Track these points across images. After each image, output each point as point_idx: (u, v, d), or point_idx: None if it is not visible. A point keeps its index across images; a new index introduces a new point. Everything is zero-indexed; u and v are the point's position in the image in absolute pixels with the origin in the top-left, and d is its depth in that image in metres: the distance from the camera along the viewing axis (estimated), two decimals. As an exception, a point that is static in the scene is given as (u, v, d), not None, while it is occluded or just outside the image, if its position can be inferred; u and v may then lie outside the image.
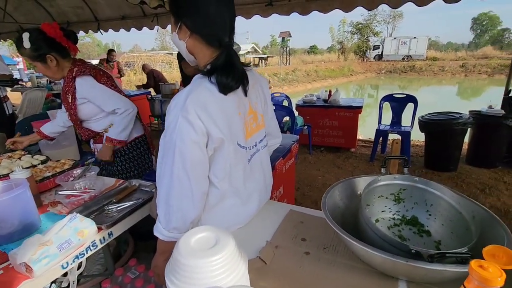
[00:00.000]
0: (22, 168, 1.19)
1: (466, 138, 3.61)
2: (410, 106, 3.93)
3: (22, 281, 0.82)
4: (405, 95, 4.01)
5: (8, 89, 3.59)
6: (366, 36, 34.48)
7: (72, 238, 0.92)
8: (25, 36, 1.44)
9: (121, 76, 6.77)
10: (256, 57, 29.67)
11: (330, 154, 4.27)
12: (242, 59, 0.92)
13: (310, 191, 3.14)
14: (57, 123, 1.80)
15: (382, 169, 0.91)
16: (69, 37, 1.57)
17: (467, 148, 3.76)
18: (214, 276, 0.58)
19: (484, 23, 46.82)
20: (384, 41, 30.75)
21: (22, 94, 4.68)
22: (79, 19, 5.07)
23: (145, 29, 4.69)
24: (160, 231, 0.88)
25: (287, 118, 3.67)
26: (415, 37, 28.99)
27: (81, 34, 5.42)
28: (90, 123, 1.70)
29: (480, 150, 3.58)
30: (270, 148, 1.24)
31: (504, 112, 3.36)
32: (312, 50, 43.16)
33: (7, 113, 2.65)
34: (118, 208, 1.17)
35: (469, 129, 3.48)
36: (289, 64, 25.67)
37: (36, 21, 5.16)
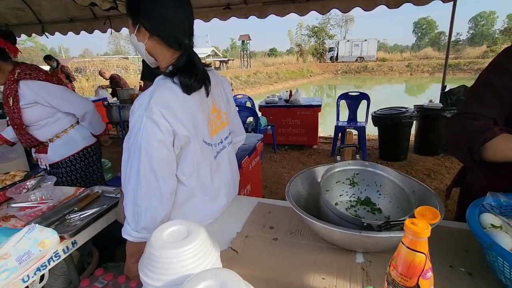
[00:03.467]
0: (-34, 182, 1.09)
1: (413, 130, 4.01)
2: (364, 103, 4.25)
3: (-24, 300, 0.77)
4: (358, 93, 4.31)
5: None
6: (322, 39, 36.21)
7: (32, 249, 0.88)
8: None
9: (70, 81, 6.31)
10: (216, 60, 29.54)
11: (294, 152, 4.44)
12: (203, 62, 0.96)
13: (277, 188, 3.24)
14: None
15: (338, 157, 1.01)
16: (6, 38, 1.47)
17: (414, 138, 4.16)
18: (187, 265, 0.61)
19: (423, 27, 51.86)
20: (338, 44, 32.57)
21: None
22: (19, 21, 4.66)
23: (96, 32, 4.47)
24: (128, 232, 0.87)
25: (251, 119, 3.74)
26: (366, 40, 31.12)
27: (22, 37, 4.98)
28: (35, 130, 1.60)
29: (424, 139, 3.99)
30: (235, 145, 1.28)
31: (442, 105, 3.80)
32: (272, 52, 44.15)
33: None
34: (81, 216, 1.13)
35: (414, 122, 3.87)
36: (250, 67, 25.97)
37: (-32, 24, 4.64)
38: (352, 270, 0.74)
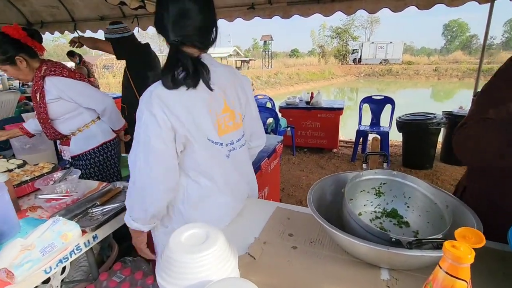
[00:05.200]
0: (-1, 172, 1.15)
1: (440, 138, 3.81)
2: (388, 107, 4.10)
3: (5, 286, 0.79)
4: (383, 97, 4.17)
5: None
6: (345, 41, 35.52)
7: (55, 241, 0.90)
8: None
9: (89, 77, 6.52)
10: (238, 60, 29.73)
11: (313, 155, 4.36)
12: (224, 62, 0.95)
13: (295, 191, 3.19)
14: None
15: (364, 165, 0.96)
16: (33, 37, 1.54)
17: (441, 147, 3.96)
18: (205, 270, 0.59)
19: (454, 29, 49.54)
20: (362, 45, 31.80)
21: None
22: (54, 19, 4.89)
23: (125, 30, 4.59)
24: (127, 219, 0.93)
25: (270, 120, 3.72)
26: (391, 42, 30.18)
27: (56, 34, 5.22)
28: (59, 123, 1.66)
29: (452, 148, 3.78)
30: (254, 149, 1.26)
31: (473, 113, 3.59)
32: (294, 53, 43.85)
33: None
34: (103, 211, 1.15)
35: (442, 129, 3.68)
36: (271, 67, 25.92)
37: (8, 21, 4.91)
38: (377, 287, 0.70)
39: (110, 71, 16.54)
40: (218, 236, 0.64)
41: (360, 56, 31.42)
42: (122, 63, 2.81)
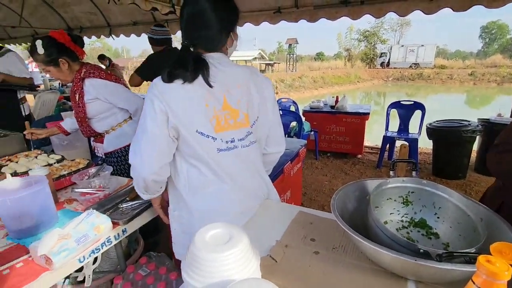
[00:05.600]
0: (40, 166, 1.24)
1: (475, 146, 3.59)
2: (417, 113, 3.93)
3: (41, 273, 0.86)
4: (412, 102, 4.00)
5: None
6: (373, 44, 34.51)
7: (89, 233, 0.96)
8: (38, 43, 1.52)
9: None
10: (262, 63, 29.89)
11: (336, 160, 4.28)
12: (248, 64, 0.98)
13: (317, 196, 3.14)
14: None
15: (391, 172, 0.93)
16: (76, 42, 1.66)
17: (475, 156, 3.73)
18: (228, 270, 0.61)
19: (493, 31, 46.50)
20: (391, 49, 30.74)
21: (35, 96, 4.81)
22: (92, 25, 5.21)
23: (155, 34, 4.78)
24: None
25: (294, 123, 3.70)
26: (422, 45, 28.92)
27: (93, 38, 5.55)
28: (95, 122, 1.77)
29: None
30: (272, 155, 1.24)
31: (513, 120, 3.34)
32: (319, 56, 43.30)
33: (24, 114, 2.74)
34: (132, 206, 1.21)
35: (477, 137, 3.46)
36: (295, 71, 25.78)
37: (51, 26, 5.31)
38: (402, 299, 0.67)
39: (140, 73, 17.26)
40: (241, 237, 0.65)
41: (389, 59, 30.39)
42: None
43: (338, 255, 0.85)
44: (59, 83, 6.97)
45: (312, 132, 4.12)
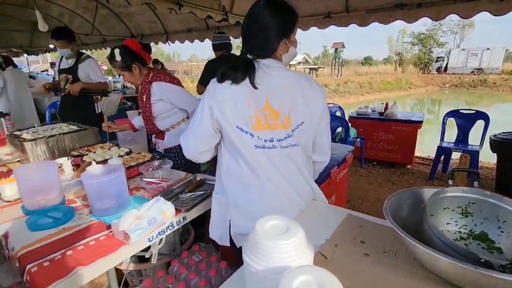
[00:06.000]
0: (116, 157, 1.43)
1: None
2: (479, 123, 3.60)
3: (120, 246, 1.01)
4: (474, 111, 3.67)
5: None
6: (428, 47, 31.98)
7: (157, 216, 1.10)
8: (116, 51, 1.76)
9: None
10: (306, 68, 29.59)
11: (383, 169, 4.09)
12: (293, 69, 1.04)
13: (361, 204, 3.06)
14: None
15: (450, 181, 0.91)
16: (145, 49, 1.87)
17: (550, 174, 3.29)
18: (286, 257, 0.67)
19: None
20: (450, 53, 28.24)
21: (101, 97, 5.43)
22: (151, 32, 5.71)
23: (206, 40, 5.10)
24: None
25: (340, 129, 3.64)
26: (488, 48, 26.07)
27: (151, 44, 6.06)
28: (158, 121, 1.97)
29: None
30: (316, 164, 1.27)
31: None
32: (367, 61, 41.47)
33: (97, 112, 3.13)
34: (191, 197, 1.34)
35: (554, 153, 3.05)
36: (341, 75, 25.06)
37: (117, 34, 5.95)
38: (459, 308, 0.67)
39: (189, 76, 18.37)
40: (298, 229, 0.71)
41: (446, 64, 27.95)
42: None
43: (389, 259, 0.85)
44: (122, 85, 7.72)
45: (358, 139, 4.00)
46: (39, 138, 1.76)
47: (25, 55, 8.28)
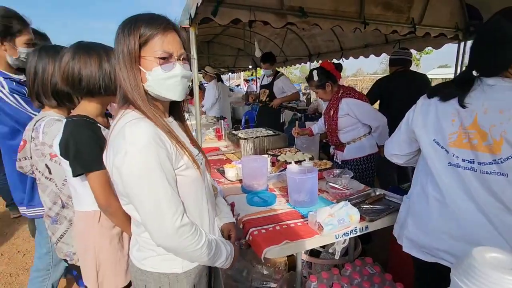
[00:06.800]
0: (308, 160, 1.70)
1: None
2: None
3: (314, 235, 1.21)
4: None
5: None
6: None
7: (345, 218, 1.23)
8: (315, 72, 2.07)
9: None
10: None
11: None
12: None
13: None
14: (320, 126, 2.44)
15: None
16: (337, 68, 2.06)
17: None
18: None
19: None
20: None
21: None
22: (328, 50, 6.12)
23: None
24: None
25: None
26: None
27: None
28: (341, 134, 2.13)
29: None
30: None
31: None
32: None
33: (281, 120, 3.77)
34: (373, 209, 1.40)
35: None
36: None
37: (298, 54, 6.79)
38: None
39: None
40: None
41: None
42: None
43: None
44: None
45: None
46: (250, 138, 2.34)
47: (230, 73, 10.95)
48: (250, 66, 7.95)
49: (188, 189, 0.87)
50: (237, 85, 15.34)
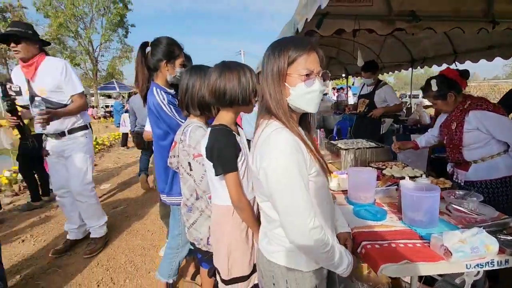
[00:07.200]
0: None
1: None
2: None
3: (439, 260, 1.11)
4: None
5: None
6: None
7: (480, 247, 1.09)
8: (433, 82, 1.86)
9: None
10: None
11: None
12: None
13: None
14: (429, 139, 2.21)
15: None
16: (461, 76, 1.80)
17: None
18: None
19: None
20: None
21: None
22: (436, 54, 5.41)
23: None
24: None
25: None
26: None
27: (434, 68, 5.75)
28: (466, 150, 1.85)
29: None
30: None
31: None
32: None
33: (381, 132, 3.52)
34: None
35: None
36: None
37: (397, 60, 6.23)
38: None
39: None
40: None
41: None
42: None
43: None
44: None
45: None
46: (351, 149, 2.29)
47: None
48: (344, 75, 7.70)
49: (316, 194, 0.94)
50: (325, 94, 15.06)
